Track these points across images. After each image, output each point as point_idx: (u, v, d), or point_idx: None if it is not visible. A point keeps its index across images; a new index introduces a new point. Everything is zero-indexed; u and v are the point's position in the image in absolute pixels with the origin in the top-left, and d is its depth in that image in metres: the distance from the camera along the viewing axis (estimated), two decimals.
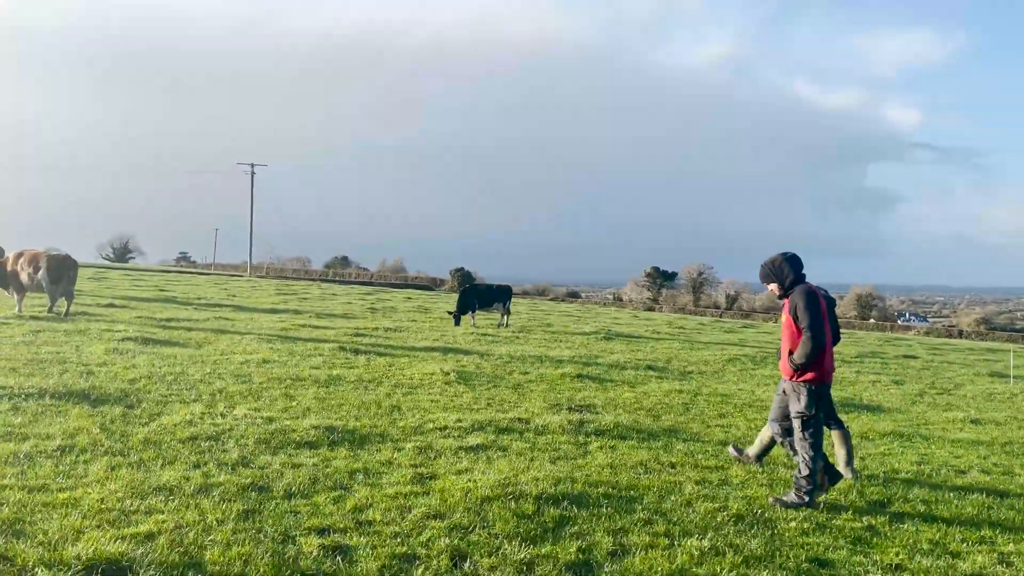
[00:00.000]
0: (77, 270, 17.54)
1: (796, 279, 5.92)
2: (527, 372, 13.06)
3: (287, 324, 18.79)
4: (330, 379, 10.87)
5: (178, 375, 10.24)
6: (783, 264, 5.93)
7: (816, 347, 5.61)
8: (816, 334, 5.60)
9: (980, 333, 70.14)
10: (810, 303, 5.68)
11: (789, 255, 5.95)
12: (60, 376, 9.47)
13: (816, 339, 5.60)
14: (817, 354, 5.65)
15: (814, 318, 5.63)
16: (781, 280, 5.95)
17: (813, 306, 5.67)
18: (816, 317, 5.63)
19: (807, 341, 5.63)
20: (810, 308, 5.66)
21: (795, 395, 5.87)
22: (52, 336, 13.29)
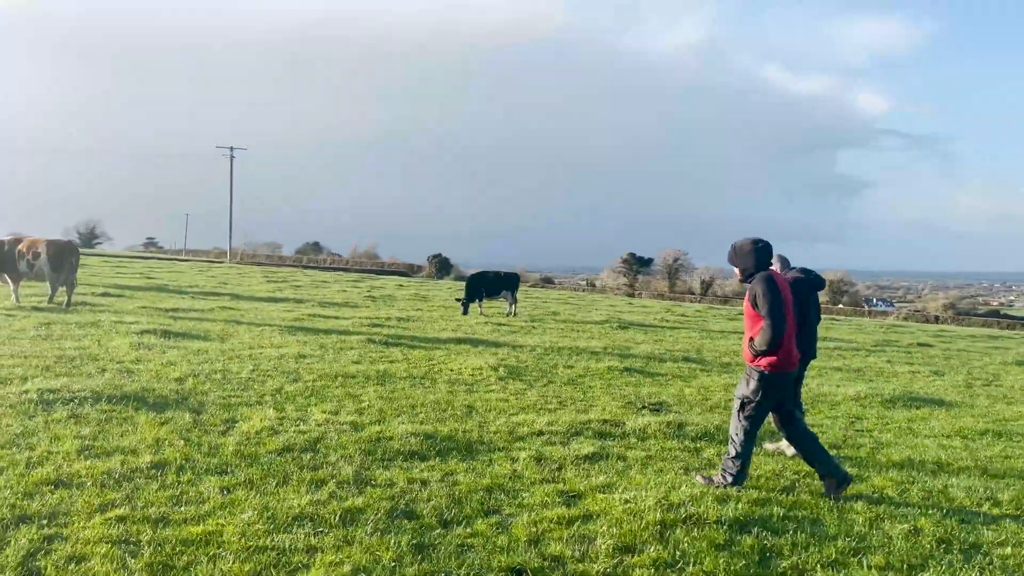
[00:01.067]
0: (79, 257, 16.58)
1: (758, 267, 5.78)
2: (572, 366, 12.50)
3: (297, 314, 18.01)
4: (380, 375, 10.24)
5: (223, 373, 9.52)
6: (751, 251, 5.80)
7: (776, 334, 5.50)
8: (775, 321, 5.49)
9: (949, 318, 70.91)
10: (769, 289, 5.57)
11: (759, 244, 5.81)
12: (102, 376, 8.71)
13: (776, 326, 5.49)
14: (777, 340, 5.52)
15: (773, 305, 5.52)
16: (744, 266, 5.83)
17: (773, 293, 5.55)
18: (776, 304, 5.52)
19: (767, 328, 5.53)
20: (769, 295, 5.54)
21: (746, 378, 5.78)
22: (66, 329, 12.43)
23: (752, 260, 5.80)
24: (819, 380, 12.73)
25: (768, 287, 5.59)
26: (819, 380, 12.73)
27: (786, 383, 5.80)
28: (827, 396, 11.10)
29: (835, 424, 9.08)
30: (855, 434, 8.49)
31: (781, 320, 5.51)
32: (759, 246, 5.81)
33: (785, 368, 5.68)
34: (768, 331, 5.53)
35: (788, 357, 5.71)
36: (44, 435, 6.11)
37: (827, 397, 11.04)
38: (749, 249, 5.82)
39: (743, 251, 5.85)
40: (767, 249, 5.84)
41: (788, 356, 5.71)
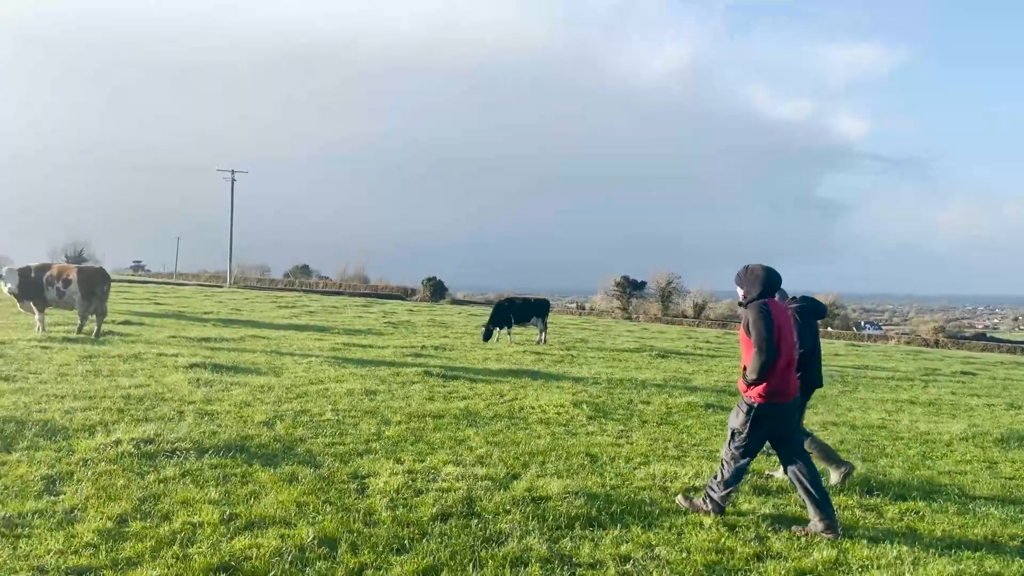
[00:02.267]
0: (110, 285, 15.74)
1: (763, 293, 5.66)
2: (648, 401, 11.82)
3: (331, 343, 17.24)
4: (467, 415, 9.56)
5: (308, 415, 8.80)
6: (761, 278, 5.70)
7: (765, 363, 5.42)
8: (763, 349, 5.42)
9: (949, 343, 70.86)
10: (763, 317, 5.48)
11: (770, 272, 5.73)
12: (184, 420, 7.94)
13: (765, 355, 5.41)
14: (766, 369, 5.44)
15: (761, 333, 5.44)
16: (749, 290, 5.72)
17: (766, 321, 5.46)
18: (766, 331, 5.43)
19: (756, 357, 5.46)
20: (761, 322, 5.47)
21: (737, 409, 5.70)
22: (111, 364, 11.63)
23: (759, 287, 5.68)
24: (901, 415, 12.14)
25: (761, 315, 5.50)
26: (901, 415, 12.14)
27: (780, 413, 5.64)
28: (932, 436, 10.45)
29: (979, 472, 8.42)
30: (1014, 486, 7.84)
31: (771, 349, 5.42)
32: (769, 274, 5.72)
33: (780, 398, 5.56)
34: (757, 360, 5.45)
35: (784, 387, 5.58)
36: (170, 500, 5.36)
37: (932, 436, 10.39)
38: (760, 275, 5.71)
39: (753, 275, 5.74)
40: (777, 280, 5.74)
41: (784, 386, 5.58)
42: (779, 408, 5.61)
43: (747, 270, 5.80)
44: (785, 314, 5.73)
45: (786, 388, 5.62)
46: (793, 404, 5.80)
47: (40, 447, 6.48)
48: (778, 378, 5.53)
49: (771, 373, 5.49)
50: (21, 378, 9.76)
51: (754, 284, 5.71)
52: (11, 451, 6.32)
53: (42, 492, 5.36)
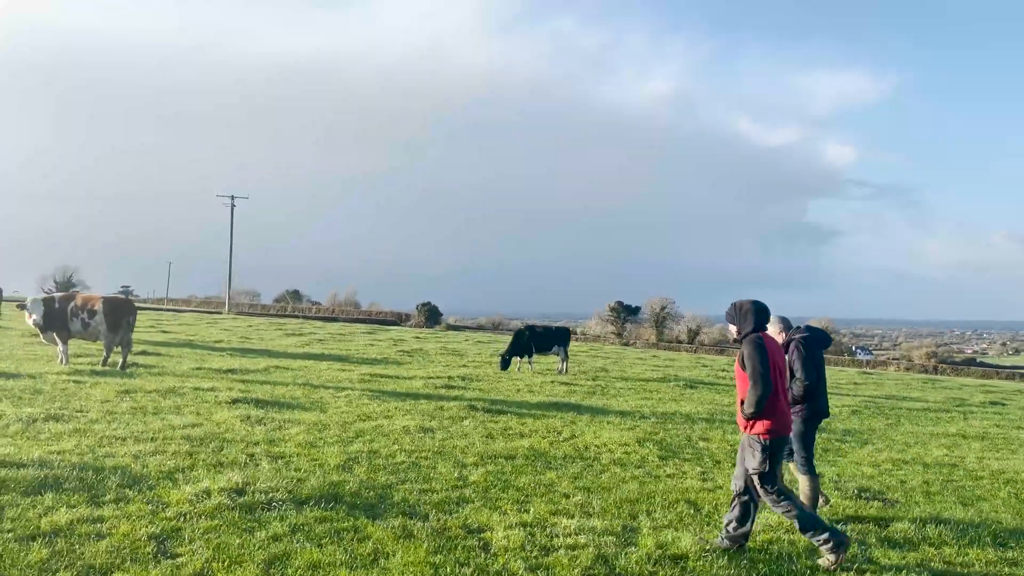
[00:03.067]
0: (136, 315, 15.25)
1: (755, 328, 5.75)
2: (708, 438, 11.49)
3: (357, 375, 16.78)
4: (535, 454, 9.25)
5: (377, 455, 8.44)
6: (750, 313, 5.78)
7: (761, 397, 5.45)
8: (758, 382, 5.47)
9: (940, 368, 70.76)
10: (757, 351, 5.55)
11: (759, 306, 5.81)
12: (258, 466, 7.51)
13: (760, 389, 5.45)
14: (762, 404, 5.47)
15: (757, 368, 5.49)
16: (741, 325, 5.80)
17: (760, 355, 5.53)
18: (761, 365, 5.49)
19: (751, 391, 5.50)
20: (756, 356, 5.53)
21: (750, 450, 5.68)
22: (151, 400, 11.17)
23: (751, 322, 5.75)
24: (962, 451, 11.84)
25: (756, 350, 5.55)
26: (962, 451, 11.84)
27: (785, 446, 5.78)
28: (1009, 474, 10.13)
29: None
30: None
31: (766, 384, 5.46)
32: (758, 308, 5.79)
33: (782, 432, 5.65)
34: (753, 393, 5.48)
35: (784, 420, 5.67)
36: (298, 564, 4.93)
37: (1010, 475, 10.07)
38: (748, 309, 5.79)
39: (742, 311, 5.81)
40: (766, 312, 5.82)
41: (784, 420, 5.66)
42: (786, 440, 5.75)
43: (737, 307, 5.85)
44: (776, 346, 5.79)
45: (786, 419, 5.70)
46: (789, 437, 5.90)
47: (129, 499, 6.04)
48: (779, 411, 5.60)
49: (771, 406, 5.54)
50: (70, 417, 9.28)
51: (746, 320, 5.77)
52: (99, 503, 5.88)
53: (156, 554, 4.93)
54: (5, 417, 8.90)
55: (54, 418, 9.10)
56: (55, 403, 10.24)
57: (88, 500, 5.92)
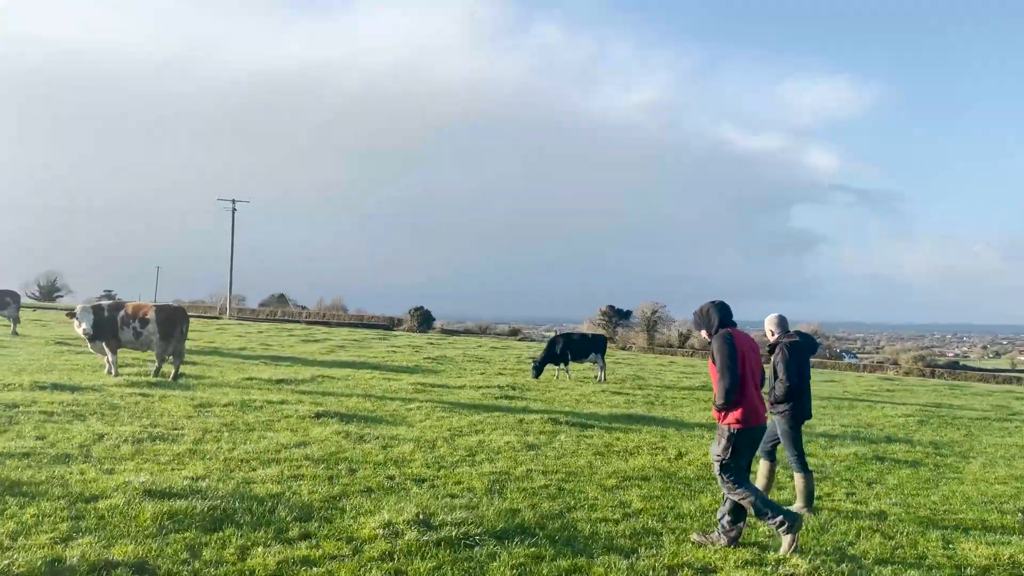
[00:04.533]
0: (188, 324, 14.56)
1: (721, 324, 5.95)
2: (811, 453, 10.97)
3: (407, 383, 16.19)
4: (666, 474, 8.70)
5: (511, 478, 7.87)
6: (710, 311, 6.03)
7: (729, 388, 5.65)
8: (726, 374, 5.67)
9: (919, 371, 70.80)
10: (725, 345, 5.75)
11: (717, 303, 6.07)
12: (406, 492, 6.94)
13: (728, 381, 5.66)
14: (731, 395, 5.67)
15: (725, 361, 5.70)
16: (708, 327, 6.02)
17: (729, 348, 5.73)
18: (729, 358, 5.70)
19: (720, 382, 5.71)
20: (722, 350, 5.74)
21: (719, 437, 5.90)
22: (232, 415, 10.56)
23: (715, 319, 5.97)
24: None
25: (724, 343, 5.76)
26: None
27: (756, 438, 5.95)
28: None
29: None
30: None
31: (733, 376, 5.65)
32: (717, 306, 6.03)
33: (753, 422, 5.79)
34: (721, 385, 5.69)
35: (754, 412, 5.81)
36: None
37: None
38: (708, 310, 6.04)
39: (705, 313, 6.06)
40: (725, 306, 6.05)
41: (754, 411, 5.81)
42: (756, 432, 5.90)
43: (700, 312, 6.09)
44: (750, 342, 5.97)
45: (758, 411, 5.85)
46: (762, 428, 6.01)
47: (316, 534, 5.44)
48: (748, 401, 5.76)
49: (741, 397, 5.72)
50: (170, 435, 8.64)
51: (710, 320, 5.99)
52: (287, 540, 5.29)
53: None
54: (108, 437, 8.24)
55: (158, 438, 8.46)
56: (142, 420, 9.58)
57: (274, 536, 5.32)
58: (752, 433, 5.86)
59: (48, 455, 7.23)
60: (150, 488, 6.07)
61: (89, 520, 5.34)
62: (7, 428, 8.48)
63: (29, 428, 8.53)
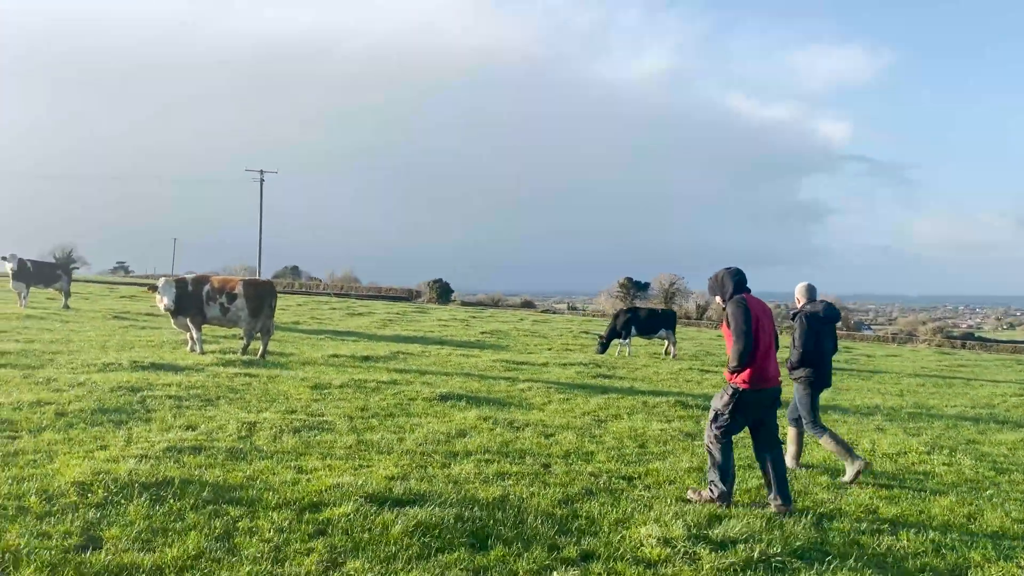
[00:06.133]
0: (277, 299, 13.77)
1: (736, 290, 6.04)
2: (976, 440, 10.24)
3: (488, 360, 15.43)
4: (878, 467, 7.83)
5: None
6: (724, 277, 6.12)
7: (743, 352, 5.76)
8: (740, 338, 5.77)
9: (968, 345, 70.21)
10: (740, 310, 5.85)
11: (732, 270, 6.13)
12: (634, 494, 6.14)
13: (742, 344, 5.76)
14: (744, 358, 5.77)
15: (740, 325, 5.79)
16: (723, 293, 6.10)
17: (744, 314, 5.83)
18: (744, 323, 5.78)
19: (734, 346, 5.81)
20: (737, 316, 5.84)
21: (723, 392, 6.04)
22: (357, 398, 9.83)
23: (730, 285, 6.07)
24: None
25: (738, 308, 5.87)
26: None
27: (762, 400, 5.99)
28: None
29: None
30: None
31: (748, 339, 5.75)
32: (732, 272, 6.12)
33: (759, 385, 5.88)
34: (735, 348, 5.79)
35: (762, 375, 5.89)
36: None
37: None
38: (723, 275, 6.15)
39: (720, 279, 6.17)
40: (740, 273, 6.12)
41: (762, 374, 5.89)
42: (762, 394, 5.95)
43: (715, 278, 6.20)
44: (764, 308, 6.06)
45: (766, 375, 5.91)
46: (774, 391, 6.04)
47: (600, 554, 4.67)
48: (758, 365, 5.85)
49: (751, 361, 5.81)
50: (323, 425, 7.88)
51: (724, 286, 6.09)
52: (574, 562, 4.52)
53: None
54: (260, 427, 7.47)
55: (312, 427, 7.70)
56: (276, 405, 8.82)
57: (555, 557, 4.55)
58: (757, 395, 5.93)
59: (217, 449, 6.46)
60: (370, 493, 5.30)
61: (336, 537, 4.57)
62: (147, 415, 7.71)
63: (169, 416, 7.76)
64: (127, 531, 4.37)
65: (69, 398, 8.10)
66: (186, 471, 5.63)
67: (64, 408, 7.60)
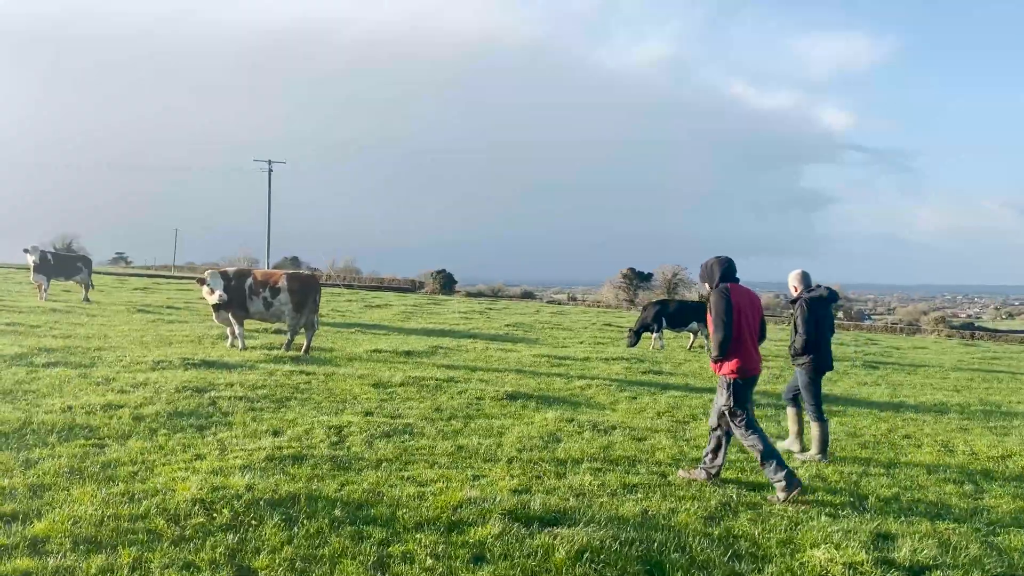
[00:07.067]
0: (321, 292, 13.32)
1: (723, 279, 6.09)
2: None
3: (530, 355, 15.00)
4: (968, 473, 7.46)
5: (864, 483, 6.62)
6: (713, 266, 6.19)
7: (722, 341, 5.85)
8: (720, 328, 5.86)
9: (977, 334, 69.94)
10: (721, 299, 5.91)
11: (722, 259, 6.20)
12: (823, 524, 5.74)
13: (722, 334, 5.85)
14: (724, 347, 5.86)
15: (720, 315, 5.87)
16: (711, 281, 6.17)
17: (725, 303, 5.89)
18: (725, 313, 5.86)
19: (714, 334, 5.91)
20: (718, 305, 5.91)
21: (720, 389, 6.14)
22: (421, 396, 9.40)
23: (717, 274, 6.14)
24: None
25: (720, 298, 5.93)
26: None
27: (753, 384, 6.16)
28: None
29: None
30: None
31: (727, 329, 5.85)
32: (721, 261, 6.19)
33: (747, 373, 6.02)
34: (715, 338, 5.91)
35: (748, 362, 6.02)
36: None
37: None
38: (712, 264, 6.23)
39: (709, 269, 6.24)
40: (729, 263, 6.19)
41: (748, 361, 6.02)
42: (751, 381, 6.10)
43: (705, 266, 6.27)
44: (750, 296, 6.13)
45: (751, 362, 6.03)
46: (757, 377, 6.19)
47: None
48: (744, 354, 5.96)
49: (736, 350, 5.92)
50: (408, 429, 7.45)
51: (713, 275, 6.16)
52: None
53: None
54: (347, 431, 7.04)
55: (399, 431, 7.28)
56: (349, 406, 8.41)
57: None
58: (749, 382, 6.07)
59: (317, 457, 6.05)
60: (508, 510, 4.88)
61: (498, 565, 4.16)
62: (225, 419, 7.29)
63: (248, 419, 7.35)
64: (276, 559, 3.96)
65: (138, 400, 7.66)
66: (302, 485, 5.21)
67: (139, 411, 7.17)
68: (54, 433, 6.24)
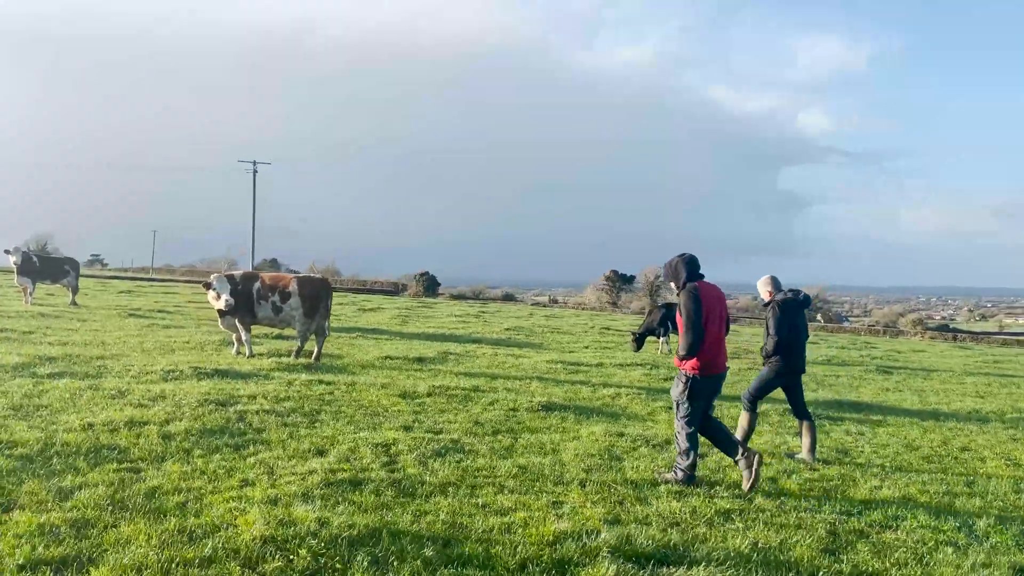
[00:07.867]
0: (332, 297, 12.71)
1: (688, 278, 6.05)
2: None
3: (543, 361, 14.53)
4: None
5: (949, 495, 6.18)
6: (678, 265, 6.12)
7: (692, 341, 5.84)
8: (690, 329, 5.84)
9: (961, 337, 70.19)
10: (691, 300, 5.87)
11: (686, 257, 6.14)
12: (952, 558, 5.27)
13: (692, 334, 5.83)
14: (693, 347, 5.85)
15: (690, 315, 5.84)
16: (677, 280, 6.13)
17: (694, 304, 5.86)
18: (695, 314, 5.84)
19: (684, 335, 5.88)
20: (688, 307, 5.87)
21: (676, 381, 6.15)
22: (453, 408, 8.89)
23: (683, 273, 6.09)
24: None
25: (690, 300, 5.89)
26: None
27: (714, 386, 6.13)
28: None
29: None
30: None
31: (698, 332, 5.83)
32: (686, 260, 6.13)
33: (710, 371, 5.99)
34: (685, 339, 5.88)
35: (713, 361, 6.01)
36: None
37: None
38: (676, 263, 6.16)
39: (674, 266, 6.18)
40: (694, 260, 6.15)
41: (714, 360, 6.01)
42: (713, 380, 6.06)
43: (669, 265, 6.19)
44: (717, 296, 6.08)
45: (716, 361, 6.02)
46: (722, 376, 6.18)
47: None
48: (708, 353, 5.94)
49: (702, 349, 5.88)
50: (462, 447, 6.89)
51: (679, 274, 6.11)
52: None
53: None
54: (395, 448, 6.47)
55: (453, 449, 6.73)
56: (383, 420, 7.85)
57: None
58: (709, 382, 6.02)
59: (376, 481, 5.49)
60: (615, 546, 4.35)
61: None
62: (260, 437, 6.69)
63: (284, 436, 6.76)
64: None
65: (162, 416, 7.04)
66: (374, 517, 4.64)
67: (166, 429, 6.56)
68: (80, 456, 5.62)
